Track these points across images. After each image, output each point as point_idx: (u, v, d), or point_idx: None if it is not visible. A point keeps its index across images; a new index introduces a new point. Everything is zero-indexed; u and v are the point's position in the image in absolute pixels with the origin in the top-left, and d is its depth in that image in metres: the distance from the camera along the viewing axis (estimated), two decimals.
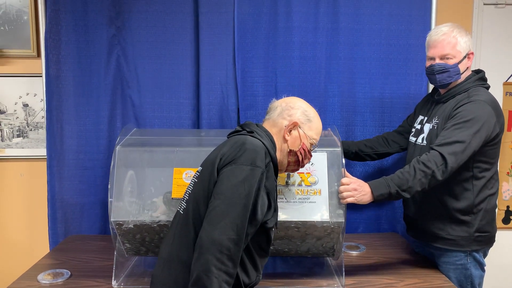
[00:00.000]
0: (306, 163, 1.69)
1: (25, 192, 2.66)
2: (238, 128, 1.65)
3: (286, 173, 1.80)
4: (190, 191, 1.54)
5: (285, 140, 1.62)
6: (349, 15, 2.42)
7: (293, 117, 1.63)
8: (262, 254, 1.57)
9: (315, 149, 1.71)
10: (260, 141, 1.53)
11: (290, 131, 1.62)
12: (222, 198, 1.39)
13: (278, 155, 1.62)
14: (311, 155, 1.68)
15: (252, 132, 1.57)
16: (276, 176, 1.60)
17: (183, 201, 1.56)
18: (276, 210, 1.56)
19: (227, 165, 1.44)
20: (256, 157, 1.45)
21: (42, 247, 2.53)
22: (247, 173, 1.41)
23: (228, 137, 1.63)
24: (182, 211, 1.53)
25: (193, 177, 1.58)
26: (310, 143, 1.65)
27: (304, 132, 1.64)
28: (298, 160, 1.64)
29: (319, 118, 1.69)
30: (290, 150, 1.62)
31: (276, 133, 1.63)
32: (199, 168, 1.56)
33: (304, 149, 1.64)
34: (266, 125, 1.66)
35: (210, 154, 1.58)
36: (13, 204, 2.67)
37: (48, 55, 2.37)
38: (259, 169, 1.44)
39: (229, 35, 2.41)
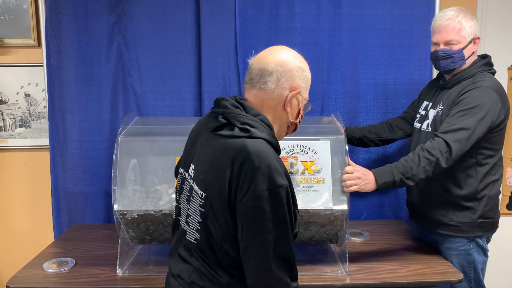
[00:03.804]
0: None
1: (29, 182, 2.67)
2: (223, 121, 1.33)
3: (289, 162, 1.80)
4: (199, 220, 1.32)
5: (286, 112, 1.38)
6: (351, 1, 2.39)
7: (294, 83, 1.36)
8: None
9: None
10: (263, 140, 1.28)
11: (291, 100, 1.37)
12: (259, 242, 1.23)
13: (276, 129, 1.39)
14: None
15: (247, 130, 1.28)
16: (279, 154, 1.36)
17: (191, 228, 1.36)
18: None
19: (244, 196, 1.22)
20: (272, 173, 1.22)
21: (46, 236, 2.55)
22: (272, 201, 1.21)
23: (212, 133, 1.34)
24: (194, 240, 1.35)
25: (194, 202, 1.34)
26: (303, 104, 1.43)
27: (302, 97, 1.40)
28: (295, 128, 1.46)
29: (309, 70, 1.43)
30: (291, 122, 1.41)
31: (273, 107, 1.36)
32: (201, 193, 1.31)
33: (301, 115, 1.44)
34: (256, 96, 1.36)
35: (208, 172, 1.30)
36: (17, 194, 2.68)
37: (49, 44, 2.35)
38: (283, 188, 1.23)
39: (231, 22, 2.38)
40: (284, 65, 1.35)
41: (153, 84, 2.44)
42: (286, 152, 1.85)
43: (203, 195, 1.31)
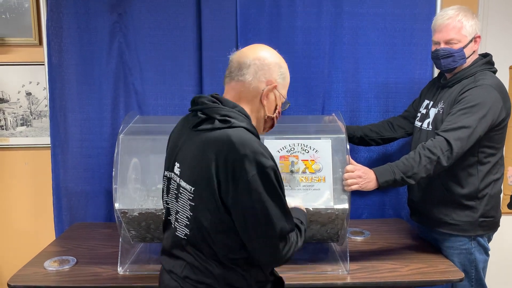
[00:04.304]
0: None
1: (30, 180, 2.67)
2: (202, 116, 1.36)
3: (290, 161, 1.80)
4: (189, 215, 1.34)
5: (263, 106, 1.41)
6: None
7: (271, 78, 1.40)
8: None
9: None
10: (243, 128, 1.31)
11: (267, 94, 1.41)
12: (264, 224, 1.27)
13: (254, 122, 1.41)
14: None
15: (227, 121, 1.31)
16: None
17: (180, 224, 1.38)
18: None
19: (237, 186, 1.25)
20: (258, 157, 1.25)
21: (48, 235, 2.55)
22: (264, 183, 1.25)
23: (194, 130, 1.37)
24: (184, 236, 1.37)
25: (183, 198, 1.36)
26: (281, 102, 1.47)
27: (280, 93, 1.43)
28: (273, 124, 1.49)
29: (288, 69, 1.48)
30: (268, 116, 1.44)
31: (250, 99, 1.40)
32: (189, 188, 1.33)
33: (279, 112, 1.47)
34: (234, 89, 1.40)
35: (195, 167, 1.32)
36: (19, 193, 2.69)
37: (50, 43, 2.35)
38: (270, 168, 1.26)
39: (232, 20, 2.38)
40: (262, 59, 1.39)
41: (154, 83, 2.44)
42: (287, 151, 1.85)
43: (192, 189, 1.33)
